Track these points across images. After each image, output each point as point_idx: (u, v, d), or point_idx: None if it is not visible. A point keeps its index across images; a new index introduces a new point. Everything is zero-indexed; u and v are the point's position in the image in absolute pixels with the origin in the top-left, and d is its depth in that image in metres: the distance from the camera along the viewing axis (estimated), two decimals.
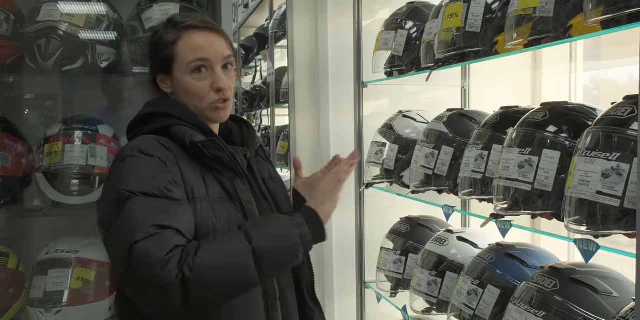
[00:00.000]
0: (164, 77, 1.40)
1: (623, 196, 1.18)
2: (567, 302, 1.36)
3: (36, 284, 2.02)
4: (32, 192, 2.17)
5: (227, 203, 1.31)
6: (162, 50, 1.37)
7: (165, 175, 1.24)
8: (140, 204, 1.18)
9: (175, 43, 1.36)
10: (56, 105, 2.51)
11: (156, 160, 1.25)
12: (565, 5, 1.40)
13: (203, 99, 1.37)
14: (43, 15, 2.05)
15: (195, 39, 1.36)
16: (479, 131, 1.77)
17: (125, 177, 1.23)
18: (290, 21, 3.15)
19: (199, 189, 1.28)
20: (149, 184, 1.20)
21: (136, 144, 1.30)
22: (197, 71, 1.36)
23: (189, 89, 1.37)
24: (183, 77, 1.37)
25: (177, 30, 1.37)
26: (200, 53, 1.36)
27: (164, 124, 1.35)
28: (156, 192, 1.20)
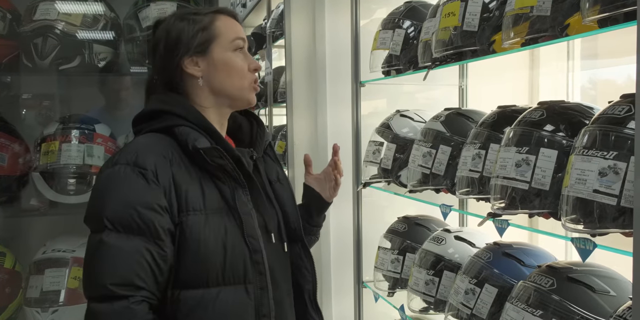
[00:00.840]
0: (197, 59, 1.36)
1: (620, 195, 1.18)
2: (565, 301, 1.35)
3: (33, 283, 2.02)
4: (29, 191, 2.17)
5: (224, 214, 1.28)
6: (197, 32, 1.36)
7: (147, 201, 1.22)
8: (107, 247, 1.20)
9: (212, 23, 1.37)
10: (53, 105, 2.51)
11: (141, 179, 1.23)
12: (562, 4, 1.40)
13: (244, 77, 1.39)
14: (39, 14, 2.05)
15: (229, 21, 1.40)
16: (476, 130, 1.77)
17: (109, 194, 1.24)
18: (287, 21, 3.15)
19: (194, 199, 1.26)
20: (127, 217, 1.20)
21: (133, 151, 1.27)
22: (240, 50, 1.39)
23: (233, 66, 1.38)
24: (225, 54, 1.37)
25: (208, 14, 1.39)
26: (239, 33, 1.40)
27: (169, 124, 1.32)
28: (131, 229, 1.20)
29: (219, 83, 1.37)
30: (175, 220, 1.24)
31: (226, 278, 1.26)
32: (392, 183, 2.29)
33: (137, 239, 1.20)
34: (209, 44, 1.36)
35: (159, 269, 1.22)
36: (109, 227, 1.20)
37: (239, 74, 1.38)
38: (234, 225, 1.28)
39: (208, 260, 1.24)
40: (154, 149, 1.27)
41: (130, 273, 1.19)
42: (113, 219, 1.20)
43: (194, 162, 1.29)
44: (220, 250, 1.25)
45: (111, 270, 1.19)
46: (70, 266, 2.03)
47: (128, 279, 1.18)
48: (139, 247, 1.20)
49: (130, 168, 1.23)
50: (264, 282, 1.30)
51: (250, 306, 1.28)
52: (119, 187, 1.23)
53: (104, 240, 1.20)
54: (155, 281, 1.22)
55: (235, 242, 1.27)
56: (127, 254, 1.19)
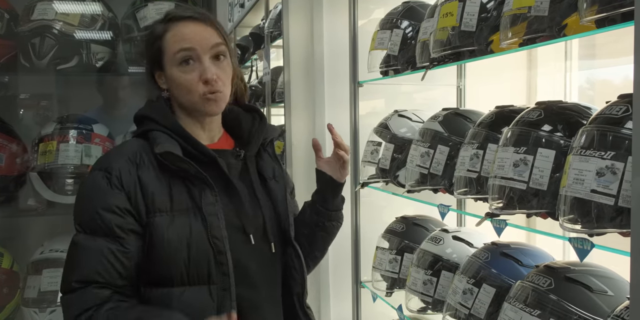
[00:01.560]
0: (160, 73, 1.38)
1: (617, 195, 1.18)
2: (562, 301, 1.36)
3: (30, 283, 2.02)
4: (26, 191, 2.17)
5: (191, 215, 1.31)
6: (152, 44, 1.36)
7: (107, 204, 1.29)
8: (79, 247, 1.29)
9: (162, 36, 1.34)
10: (51, 105, 2.51)
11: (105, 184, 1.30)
12: (559, 4, 1.40)
13: (192, 91, 1.34)
14: (37, 14, 2.05)
15: (180, 30, 1.34)
16: (474, 130, 1.77)
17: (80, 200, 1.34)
18: (285, 21, 3.15)
19: (160, 201, 1.30)
20: (92, 221, 1.28)
21: (108, 156, 1.38)
22: (185, 63, 1.33)
23: (177, 82, 1.35)
24: (171, 70, 1.34)
25: (164, 23, 1.36)
26: (185, 43, 1.32)
27: (145, 129, 1.37)
28: (95, 231, 1.29)
29: (176, 97, 1.39)
30: (143, 221, 1.30)
31: (190, 278, 1.30)
32: (390, 183, 2.29)
33: (100, 239, 1.28)
34: (161, 59, 1.36)
35: (122, 265, 1.29)
36: (78, 229, 1.31)
37: (186, 89, 1.35)
38: (200, 226, 1.30)
39: (172, 259, 1.28)
40: (124, 154, 1.34)
41: (91, 271, 1.27)
42: (81, 222, 1.31)
43: (163, 165, 1.32)
44: (184, 250, 1.29)
45: (76, 268, 1.29)
46: None
47: (89, 276, 1.27)
48: (101, 246, 1.27)
49: (102, 173, 1.31)
50: (227, 284, 1.31)
51: (211, 307, 1.30)
52: (88, 192, 1.33)
53: (74, 240, 1.31)
54: (119, 277, 1.29)
55: (199, 242, 1.30)
56: (91, 253, 1.28)
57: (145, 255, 1.30)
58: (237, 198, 1.37)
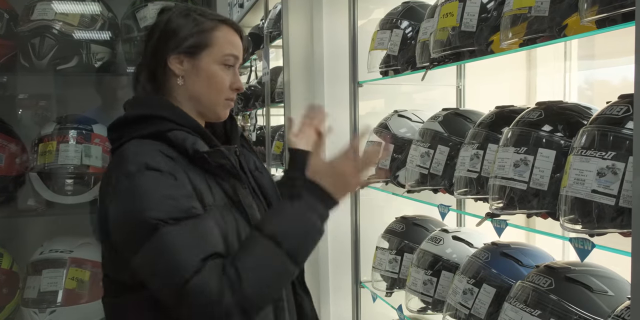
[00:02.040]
0: (184, 59, 1.35)
1: (618, 195, 1.18)
2: (563, 301, 1.36)
3: (30, 284, 2.01)
4: (26, 191, 2.16)
5: (231, 209, 1.30)
6: (195, 33, 1.34)
7: (181, 191, 1.22)
8: (174, 235, 1.17)
9: (212, 31, 1.35)
10: (50, 105, 2.50)
11: (166, 175, 1.22)
12: (560, 5, 1.40)
13: (222, 92, 1.37)
14: (37, 14, 2.04)
15: (231, 35, 1.38)
16: (474, 130, 1.77)
17: (143, 200, 1.19)
18: (285, 21, 3.15)
19: (207, 197, 1.27)
20: (172, 207, 1.19)
21: (138, 157, 1.24)
22: (227, 66, 1.36)
23: (214, 79, 1.36)
24: (212, 65, 1.35)
25: (212, 20, 1.37)
26: (235, 50, 1.37)
27: (159, 129, 1.30)
28: (182, 215, 1.19)
29: (196, 89, 1.37)
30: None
31: None
32: (390, 183, 2.29)
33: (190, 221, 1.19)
34: (201, 49, 1.35)
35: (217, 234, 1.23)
36: (160, 225, 1.18)
37: (218, 88, 1.37)
38: (242, 219, 1.31)
39: (229, 252, 1.24)
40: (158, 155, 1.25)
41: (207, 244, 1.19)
42: (158, 216, 1.18)
43: (194, 165, 1.29)
44: (236, 242, 1.26)
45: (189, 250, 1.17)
46: (68, 267, 2.02)
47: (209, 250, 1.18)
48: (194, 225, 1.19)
49: (146, 172, 1.21)
50: None
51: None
52: (146, 190, 1.20)
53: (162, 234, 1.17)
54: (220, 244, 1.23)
55: (246, 233, 1.29)
56: (190, 230, 1.18)
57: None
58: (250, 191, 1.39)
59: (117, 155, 1.30)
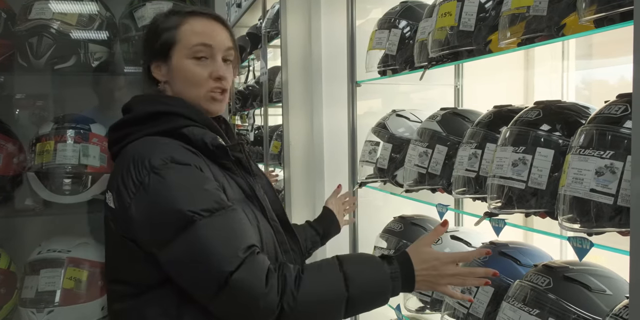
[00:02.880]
0: (160, 64, 1.36)
1: (617, 194, 1.18)
2: (561, 300, 1.36)
3: (28, 284, 2.00)
4: (23, 191, 2.16)
5: (247, 203, 1.32)
6: (161, 34, 1.34)
7: (212, 183, 1.22)
8: (211, 228, 1.16)
9: (178, 27, 1.33)
10: (47, 105, 2.49)
11: (194, 169, 1.21)
12: (558, 4, 1.40)
13: (200, 86, 1.34)
14: (35, 13, 2.04)
15: (200, 24, 1.35)
16: (472, 130, 1.77)
17: (175, 193, 1.18)
18: (283, 20, 3.15)
19: (228, 191, 1.27)
20: (206, 199, 1.18)
21: (163, 152, 1.22)
22: (198, 58, 1.33)
23: (187, 74, 1.33)
24: (182, 61, 1.33)
25: (180, 15, 1.35)
26: (204, 38, 1.33)
27: (175, 125, 1.29)
28: (216, 206, 1.18)
29: (177, 90, 1.36)
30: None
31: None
32: (388, 183, 2.29)
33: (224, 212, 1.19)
34: (169, 49, 1.34)
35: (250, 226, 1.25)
36: (196, 217, 1.16)
37: (195, 83, 1.34)
38: (259, 211, 1.33)
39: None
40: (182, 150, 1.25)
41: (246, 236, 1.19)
42: (193, 208, 1.16)
43: (211, 160, 1.30)
44: (257, 234, 1.27)
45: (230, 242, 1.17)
46: (66, 266, 2.01)
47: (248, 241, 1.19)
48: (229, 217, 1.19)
49: (173, 166, 1.20)
50: (291, 259, 1.36)
51: None
52: (175, 183, 1.19)
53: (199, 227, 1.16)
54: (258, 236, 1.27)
55: (264, 226, 1.31)
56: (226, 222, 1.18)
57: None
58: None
59: (129, 153, 1.26)
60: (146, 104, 1.35)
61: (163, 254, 1.19)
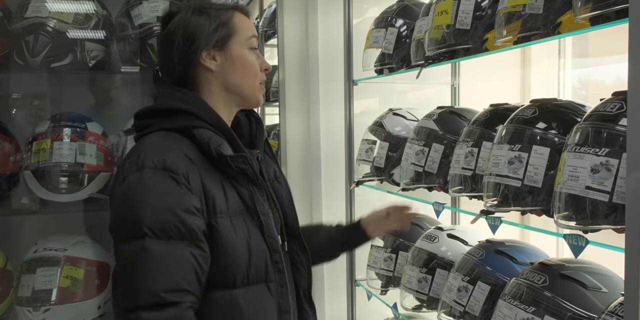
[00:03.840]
0: (215, 53, 1.35)
1: (612, 191, 1.18)
2: (557, 298, 1.36)
3: (24, 282, 2.01)
4: (20, 190, 2.16)
5: (245, 216, 1.29)
6: (217, 27, 1.35)
7: (186, 205, 1.20)
8: (151, 254, 1.16)
9: (231, 19, 1.37)
10: (44, 103, 2.49)
11: (174, 183, 1.20)
12: (554, 2, 1.40)
13: (256, 76, 1.39)
14: (31, 12, 2.04)
15: (247, 19, 1.41)
16: (469, 128, 1.78)
17: (144, 202, 1.19)
18: (280, 19, 3.14)
19: (220, 202, 1.26)
20: (165, 221, 1.18)
21: (160, 154, 1.23)
22: (253, 48, 1.39)
23: (248, 64, 1.38)
24: (242, 51, 1.37)
25: (226, 10, 1.38)
26: (255, 31, 1.40)
27: (186, 124, 1.29)
28: (173, 234, 1.18)
29: (233, 80, 1.37)
30: (207, 222, 1.24)
31: (250, 278, 1.27)
32: (385, 181, 2.29)
33: (181, 244, 1.19)
34: (228, 39, 1.36)
35: (202, 270, 1.22)
36: (149, 234, 1.17)
37: (253, 73, 1.39)
38: (255, 227, 1.30)
39: (236, 261, 1.25)
40: (181, 151, 1.25)
41: (180, 278, 1.18)
42: (153, 225, 1.17)
43: (214, 165, 1.28)
44: (245, 252, 1.26)
45: (162, 278, 1.17)
46: (62, 265, 2.01)
47: (179, 285, 1.18)
48: (184, 251, 1.19)
49: (160, 172, 1.20)
50: (284, 280, 1.33)
51: (273, 304, 1.31)
52: (152, 193, 1.20)
53: (147, 247, 1.16)
54: (199, 284, 1.22)
55: (257, 242, 1.29)
56: (175, 259, 1.18)
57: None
58: (268, 199, 1.38)
59: (140, 143, 1.29)
60: (168, 97, 1.35)
61: (114, 244, 1.23)
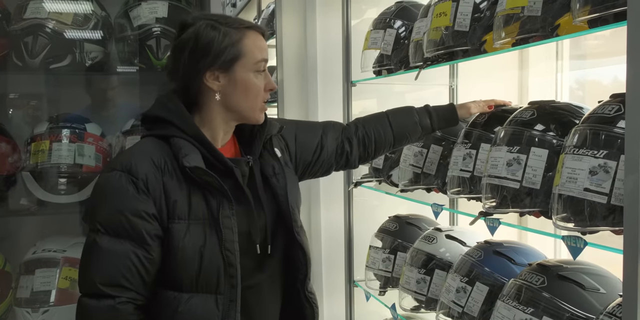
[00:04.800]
0: (219, 74, 1.37)
1: (610, 193, 1.19)
2: (555, 299, 1.37)
3: (23, 283, 2.00)
4: (18, 191, 2.15)
5: (206, 225, 1.33)
6: (226, 47, 1.36)
7: (136, 209, 1.29)
8: (99, 248, 1.29)
9: (241, 40, 1.37)
10: (42, 104, 2.49)
11: (133, 188, 1.29)
12: (552, 5, 1.41)
13: (258, 97, 1.41)
14: (30, 13, 2.03)
15: (258, 40, 1.41)
16: (467, 130, 1.78)
17: (103, 199, 1.33)
18: (278, 20, 3.15)
19: (181, 208, 1.32)
20: (116, 222, 1.29)
21: (130, 157, 1.33)
22: (260, 71, 1.40)
23: (250, 87, 1.39)
24: (247, 75, 1.38)
25: (239, 30, 1.38)
26: (264, 54, 1.41)
27: (166, 133, 1.37)
28: (120, 234, 1.29)
29: (234, 101, 1.40)
30: (165, 226, 1.32)
31: (199, 286, 1.33)
32: (384, 182, 2.30)
33: (126, 243, 1.29)
34: (234, 62, 1.37)
35: (146, 271, 1.31)
36: (101, 230, 1.30)
37: (255, 95, 1.41)
38: (214, 237, 1.33)
39: (184, 266, 1.32)
40: (150, 158, 1.33)
41: (117, 275, 1.28)
42: (105, 223, 1.30)
43: (185, 174, 1.33)
44: (196, 259, 1.32)
45: (101, 271, 1.29)
46: (61, 266, 2.01)
47: (115, 280, 1.28)
48: (127, 250, 1.29)
49: (125, 176, 1.30)
50: (234, 295, 1.35)
51: (216, 315, 1.34)
52: (111, 193, 1.31)
53: (97, 241, 1.30)
54: (142, 282, 1.31)
55: (212, 253, 1.33)
56: (116, 256, 1.28)
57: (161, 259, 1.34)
58: (248, 206, 1.40)
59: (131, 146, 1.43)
60: (156, 106, 1.43)
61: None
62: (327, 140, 1.67)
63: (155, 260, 1.32)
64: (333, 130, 1.70)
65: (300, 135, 1.63)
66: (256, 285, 1.42)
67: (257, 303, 1.42)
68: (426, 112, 1.79)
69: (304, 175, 1.66)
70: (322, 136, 1.67)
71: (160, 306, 1.34)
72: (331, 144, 1.67)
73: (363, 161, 1.77)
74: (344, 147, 1.69)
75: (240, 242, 1.36)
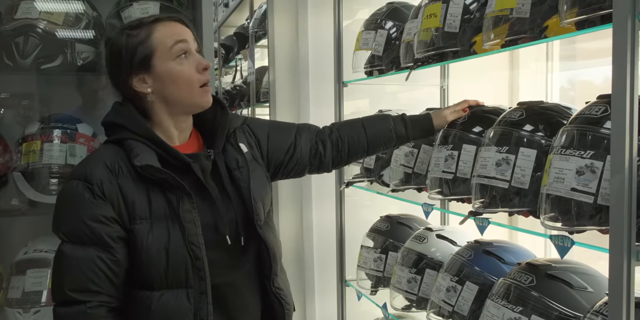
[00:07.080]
0: (143, 76, 1.38)
1: (597, 193, 1.20)
2: (543, 297, 1.38)
3: (14, 284, 2.00)
4: (9, 191, 2.15)
5: (168, 222, 1.35)
6: (136, 48, 1.36)
7: (93, 215, 1.32)
8: (64, 257, 1.32)
9: (149, 36, 1.36)
10: (33, 104, 2.48)
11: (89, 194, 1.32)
12: (541, 6, 1.42)
13: (193, 82, 1.39)
14: (21, 13, 2.03)
15: (168, 27, 1.39)
16: (445, 131, 1.79)
17: (63, 210, 1.35)
18: (270, 20, 3.15)
19: (141, 208, 1.34)
20: (76, 229, 1.32)
21: (86, 165, 1.37)
22: (180, 56, 1.37)
23: (178, 76, 1.37)
24: (167, 65, 1.37)
25: (144, 27, 1.38)
26: (178, 36, 1.38)
27: (119, 137, 1.38)
28: (83, 240, 1.32)
29: (170, 95, 1.40)
30: (127, 227, 1.34)
31: (169, 282, 1.35)
32: (375, 182, 2.31)
33: (89, 249, 1.31)
34: (150, 58, 1.37)
35: (113, 273, 1.33)
36: (64, 239, 1.34)
37: (186, 83, 1.39)
38: (178, 233, 1.35)
39: (151, 265, 1.34)
40: (101, 162, 1.36)
41: (84, 280, 1.31)
42: (67, 231, 1.33)
43: (141, 174, 1.34)
44: (163, 256, 1.34)
45: (68, 278, 1.32)
46: None
47: (83, 285, 1.31)
48: (91, 255, 1.31)
49: (82, 183, 1.33)
50: (204, 288, 1.36)
51: (189, 309, 1.35)
52: (70, 202, 1.34)
53: (62, 250, 1.33)
54: (111, 284, 1.33)
55: (177, 249, 1.34)
56: (82, 262, 1.31)
57: (129, 260, 1.36)
58: (211, 200, 1.41)
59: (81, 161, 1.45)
60: (111, 113, 1.44)
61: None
62: (300, 140, 1.66)
63: (121, 262, 1.34)
64: (307, 132, 1.70)
65: (273, 134, 1.63)
66: (234, 281, 1.43)
67: (235, 298, 1.44)
68: (402, 120, 1.79)
69: (276, 174, 1.65)
70: (295, 136, 1.66)
71: (134, 306, 1.36)
72: (305, 145, 1.67)
73: (336, 165, 1.76)
74: (318, 148, 1.68)
75: (208, 235, 1.37)
